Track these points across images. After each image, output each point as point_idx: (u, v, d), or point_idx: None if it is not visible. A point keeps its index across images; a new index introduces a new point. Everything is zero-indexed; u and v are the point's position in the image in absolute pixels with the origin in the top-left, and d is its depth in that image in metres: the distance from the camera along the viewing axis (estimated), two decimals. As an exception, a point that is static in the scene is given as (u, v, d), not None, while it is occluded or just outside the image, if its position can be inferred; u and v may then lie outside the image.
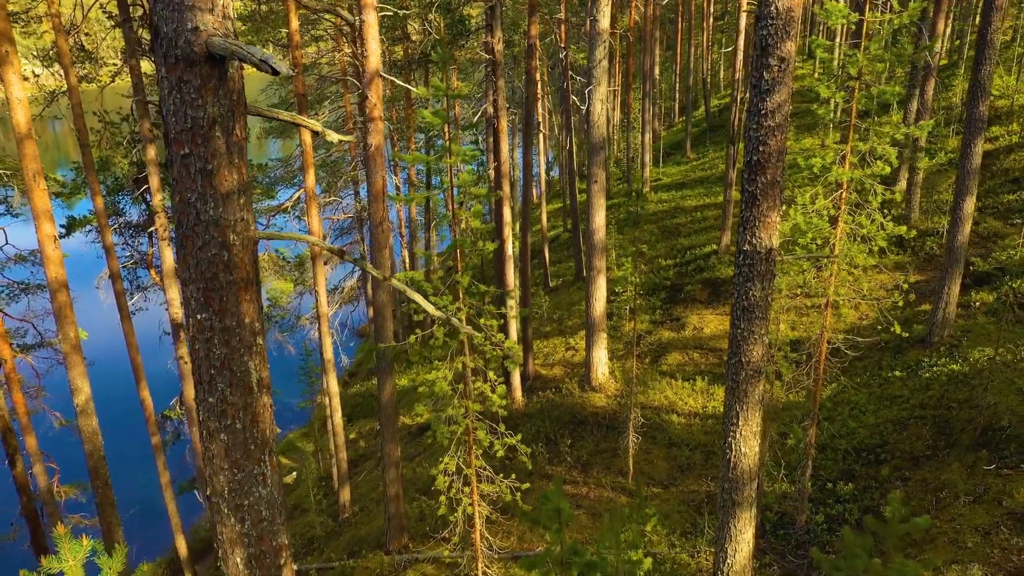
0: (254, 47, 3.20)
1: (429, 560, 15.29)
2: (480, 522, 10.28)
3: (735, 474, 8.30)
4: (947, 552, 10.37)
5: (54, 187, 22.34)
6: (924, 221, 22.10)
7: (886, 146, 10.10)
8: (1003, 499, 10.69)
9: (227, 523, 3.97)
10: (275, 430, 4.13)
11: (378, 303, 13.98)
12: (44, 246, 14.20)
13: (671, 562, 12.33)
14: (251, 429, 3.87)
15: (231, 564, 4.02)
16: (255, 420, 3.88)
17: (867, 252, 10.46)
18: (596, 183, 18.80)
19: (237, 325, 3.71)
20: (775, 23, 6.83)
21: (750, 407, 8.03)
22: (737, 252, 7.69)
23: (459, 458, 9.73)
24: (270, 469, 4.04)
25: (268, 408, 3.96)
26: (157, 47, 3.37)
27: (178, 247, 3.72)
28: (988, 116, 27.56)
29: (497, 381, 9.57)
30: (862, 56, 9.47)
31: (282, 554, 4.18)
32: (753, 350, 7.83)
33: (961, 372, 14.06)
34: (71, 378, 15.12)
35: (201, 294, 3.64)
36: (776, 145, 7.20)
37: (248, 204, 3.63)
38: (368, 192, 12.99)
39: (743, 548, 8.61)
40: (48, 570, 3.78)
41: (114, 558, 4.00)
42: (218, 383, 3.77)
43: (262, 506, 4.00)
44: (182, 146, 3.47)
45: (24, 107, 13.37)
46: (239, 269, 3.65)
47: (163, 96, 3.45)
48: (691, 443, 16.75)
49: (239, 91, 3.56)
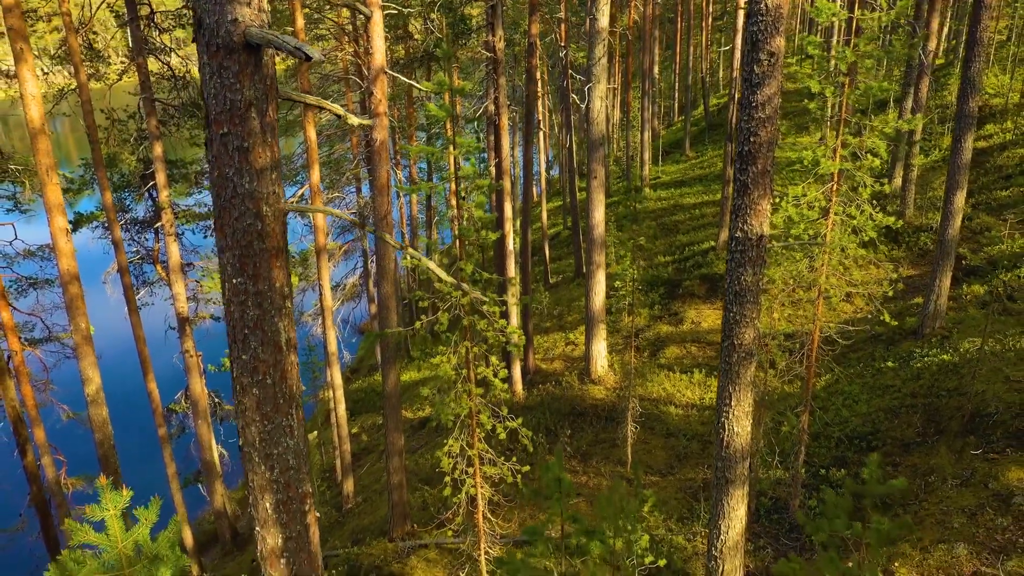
0: (288, 36, 3.55)
1: (432, 546, 15.65)
2: (483, 503, 10.62)
3: (728, 452, 8.65)
4: (934, 532, 10.72)
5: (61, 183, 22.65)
6: (919, 217, 22.45)
7: (876, 140, 10.45)
8: (989, 482, 11.04)
9: (258, 471, 4.32)
10: (301, 387, 4.47)
11: (383, 295, 14.32)
12: (56, 239, 14.55)
13: (668, 545, 12.68)
14: (280, 384, 4.23)
15: (261, 509, 4.38)
16: (284, 376, 4.24)
17: (858, 243, 10.80)
18: (596, 179, 19.15)
19: (268, 289, 4.07)
20: (764, 19, 7.18)
21: (742, 388, 8.38)
22: (729, 239, 8.04)
23: (463, 440, 10.07)
24: (296, 422, 4.39)
25: (295, 366, 4.30)
26: (200, 37, 3.72)
27: (216, 218, 4.07)
28: (984, 114, 27.97)
29: (499, 366, 9.91)
30: (850, 52, 9.82)
31: (307, 501, 4.53)
32: (745, 333, 8.18)
33: (951, 362, 14.41)
34: (82, 368, 15.45)
35: (237, 260, 4.00)
36: (766, 136, 7.55)
37: (279, 179, 3.98)
38: (373, 186, 13.33)
39: (736, 524, 8.96)
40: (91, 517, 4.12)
41: (150, 509, 4.34)
42: (251, 342, 4.13)
43: (289, 455, 4.36)
44: (221, 126, 3.83)
45: (38, 103, 13.71)
46: (271, 238, 4.01)
47: (204, 80, 3.81)
48: (688, 433, 17.09)
49: (272, 76, 3.91)
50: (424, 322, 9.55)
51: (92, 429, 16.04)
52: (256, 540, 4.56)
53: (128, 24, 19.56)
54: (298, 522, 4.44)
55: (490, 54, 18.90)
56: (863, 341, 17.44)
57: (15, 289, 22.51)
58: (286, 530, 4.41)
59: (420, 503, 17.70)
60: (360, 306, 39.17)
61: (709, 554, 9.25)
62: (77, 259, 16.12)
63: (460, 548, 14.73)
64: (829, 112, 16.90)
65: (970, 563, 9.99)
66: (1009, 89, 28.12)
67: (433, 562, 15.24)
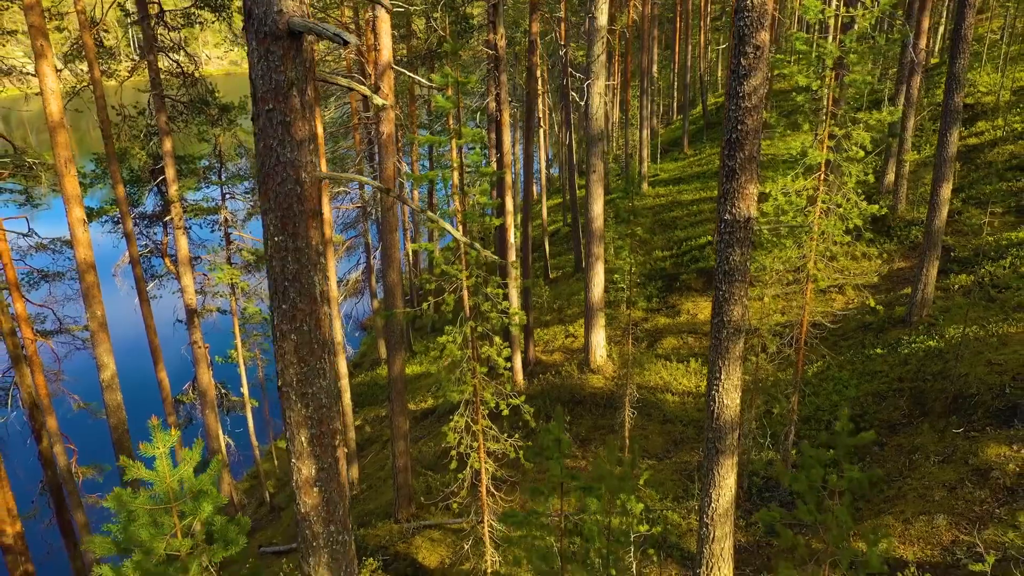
0: (326, 24, 4.06)
1: (436, 526, 16.19)
2: (487, 478, 11.14)
3: (718, 424, 9.18)
4: (916, 506, 11.25)
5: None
6: (910, 211, 22.98)
7: (860, 132, 10.98)
8: (969, 458, 11.57)
9: (295, 408, 4.84)
10: (331, 335, 4.99)
11: (388, 283, 14.84)
12: (74, 228, 15.07)
13: (664, 521, 13.21)
14: (315, 331, 4.74)
15: (297, 443, 4.90)
16: (318, 324, 4.75)
17: (844, 230, 11.33)
18: (595, 173, 19.67)
19: (306, 246, 4.58)
20: (750, 15, 7.71)
21: (731, 362, 8.90)
22: (718, 221, 8.56)
23: (467, 416, 10.59)
24: (328, 366, 4.91)
25: (327, 317, 4.81)
26: (249, 25, 4.24)
27: (260, 184, 4.59)
28: (976, 112, 28.50)
29: (503, 346, 10.42)
30: (835, 47, 10.35)
31: (336, 437, 5.05)
32: (734, 310, 8.71)
33: (937, 348, 14.94)
34: (98, 355, 15.97)
35: (278, 220, 4.52)
36: (753, 124, 8.08)
37: (316, 150, 4.48)
38: (380, 177, 13.85)
39: (726, 493, 9.49)
40: (143, 453, 4.64)
41: (194, 450, 4.86)
42: (290, 293, 4.65)
43: (322, 395, 4.88)
44: (267, 103, 4.35)
45: (57, 97, 14.24)
46: (308, 201, 4.52)
47: (252, 64, 4.32)
48: (684, 419, 17.62)
49: (311, 60, 4.42)
50: (431, 303, 10.07)
51: (107, 414, 16.56)
52: (291, 471, 5.07)
53: (140, 22, 20.09)
54: (329, 454, 4.96)
55: (492, 52, 19.42)
56: (854, 330, 17.97)
57: (27, 282, 23.01)
58: (319, 461, 4.94)
59: (424, 488, 18.23)
60: (362, 302, 39.69)
61: (701, 521, 9.77)
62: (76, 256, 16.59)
63: (463, 528, 15.29)
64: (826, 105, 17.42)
65: (949, 532, 10.52)
66: (1000, 87, 28.64)
67: (437, 541, 15.77)
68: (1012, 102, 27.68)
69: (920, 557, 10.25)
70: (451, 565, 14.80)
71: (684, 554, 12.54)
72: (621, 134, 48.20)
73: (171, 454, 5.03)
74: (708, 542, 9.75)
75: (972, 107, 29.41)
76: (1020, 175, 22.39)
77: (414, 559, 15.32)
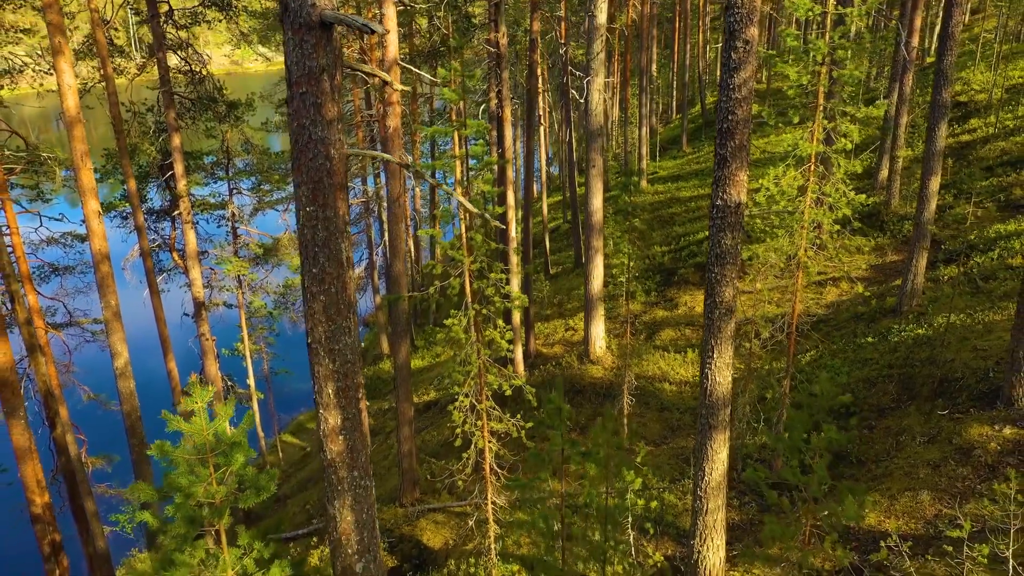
0: (355, 16, 4.54)
1: (440, 510, 16.67)
2: (490, 456, 11.62)
3: (711, 400, 9.65)
4: (902, 483, 11.74)
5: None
6: (903, 206, 23.46)
7: (848, 125, 11.46)
8: (953, 438, 12.05)
9: (323, 363, 5.33)
10: (356, 298, 5.47)
11: (394, 273, 15.31)
12: (90, 220, 15.55)
13: (661, 502, 13.69)
14: (341, 293, 5.22)
15: (324, 395, 5.38)
16: (344, 287, 5.23)
17: (833, 219, 11.82)
18: (594, 168, 20.15)
19: (334, 215, 5.06)
20: (740, 11, 8.19)
21: (723, 341, 9.38)
22: (711, 207, 9.05)
23: (472, 397, 11.07)
24: (352, 325, 5.39)
25: (351, 280, 5.28)
26: (285, 17, 4.73)
27: (293, 159, 5.07)
28: (970, 109, 28.98)
29: (505, 328, 10.90)
30: (824, 43, 10.83)
31: (359, 391, 5.52)
32: (725, 291, 9.19)
33: (925, 335, 15.43)
34: (112, 343, 16.45)
35: (310, 192, 5.00)
36: (743, 114, 8.56)
37: (343, 130, 4.95)
38: (386, 169, 14.31)
39: (719, 466, 9.96)
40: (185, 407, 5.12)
41: (228, 406, 5.34)
42: (319, 258, 5.13)
43: (348, 351, 5.36)
44: (300, 86, 4.83)
45: (74, 93, 14.73)
46: (336, 175, 5.00)
47: (287, 51, 4.80)
48: (681, 407, 18.10)
49: (339, 49, 4.89)
50: (437, 286, 10.54)
51: (120, 400, 17.05)
52: (318, 422, 5.55)
53: (149, 21, 20.56)
54: (353, 406, 5.43)
55: (493, 49, 19.89)
56: (846, 320, 18.46)
57: (39, 275, 23.50)
58: (344, 412, 5.42)
59: (427, 475, 18.72)
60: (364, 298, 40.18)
61: (695, 495, 10.25)
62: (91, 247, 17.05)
63: (467, 511, 15.77)
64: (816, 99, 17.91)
65: (932, 507, 11.01)
66: (993, 85, 29.14)
67: (441, 524, 16.26)
68: (1005, 100, 28.17)
69: (904, 530, 10.72)
70: (455, 546, 15.29)
71: (680, 532, 13.02)
72: (620, 132, 48.68)
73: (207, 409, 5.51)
74: (702, 514, 10.22)
75: (966, 105, 29.93)
76: (1010, 171, 22.87)
77: (419, 541, 15.80)
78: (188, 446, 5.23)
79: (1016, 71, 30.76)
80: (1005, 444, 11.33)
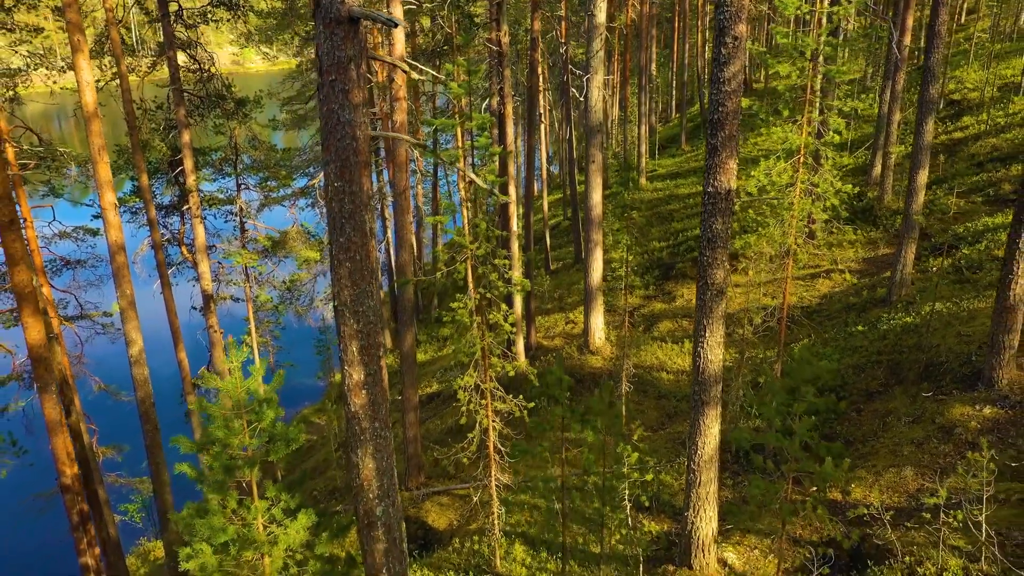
0: (380, 12, 5.08)
1: (444, 492, 17.23)
2: (494, 435, 12.16)
3: (703, 377, 10.20)
4: (887, 460, 12.29)
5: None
6: (895, 201, 24.00)
7: (835, 117, 12.01)
8: (936, 418, 12.60)
9: (348, 323, 5.87)
10: (378, 264, 6.01)
11: (401, 262, 15.85)
12: (106, 212, 16.11)
13: (657, 478, 14.26)
14: (365, 260, 5.77)
15: (349, 352, 5.92)
16: (368, 254, 5.78)
17: (821, 208, 12.37)
18: (594, 163, 20.69)
19: (359, 190, 5.61)
20: (729, 9, 8.74)
21: (715, 320, 9.94)
22: (703, 194, 9.60)
23: (476, 377, 11.62)
24: (374, 289, 5.92)
25: (375, 249, 5.83)
26: (318, 12, 5.28)
27: (323, 140, 5.62)
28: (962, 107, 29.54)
29: (508, 311, 11.45)
30: (812, 40, 11.38)
31: (380, 349, 6.06)
32: (716, 273, 9.74)
33: (912, 323, 15.98)
34: (127, 331, 17.01)
35: (338, 169, 5.55)
36: (732, 106, 9.11)
37: (368, 113, 5.50)
38: (393, 163, 14.86)
39: (711, 440, 10.51)
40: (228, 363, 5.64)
41: (260, 365, 5.89)
42: (346, 228, 5.68)
43: (370, 313, 5.91)
44: (330, 74, 5.39)
45: (92, 89, 15.29)
46: (361, 154, 5.54)
47: (319, 43, 5.34)
48: (678, 395, 18.65)
49: (364, 41, 5.42)
50: (444, 271, 11.06)
51: (135, 387, 17.61)
52: (343, 377, 6.09)
53: (160, 20, 21.13)
54: (375, 363, 5.97)
55: (495, 48, 20.43)
56: (838, 311, 19.01)
57: (51, 269, 24.04)
58: (366, 368, 5.95)
59: (431, 461, 19.27)
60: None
61: (688, 467, 10.80)
62: (106, 242, 17.57)
63: (470, 494, 16.33)
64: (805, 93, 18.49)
65: (915, 481, 11.56)
66: (984, 83, 29.69)
67: (446, 506, 16.82)
68: (996, 98, 28.72)
69: (888, 503, 11.28)
70: (459, 526, 15.85)
71: (676, 510, 13.56)
72: (620, 131, 49.24)
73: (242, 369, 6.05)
74: (695, 486, 10.77)
75: (959, 103, 30.49)
76: (1000, 166, 23.42)
77: (424, 522, 16.36)
78: (224, 403, 5.77)
79: (1008, 70, 31.33)
80: (984, 423, 11.88)
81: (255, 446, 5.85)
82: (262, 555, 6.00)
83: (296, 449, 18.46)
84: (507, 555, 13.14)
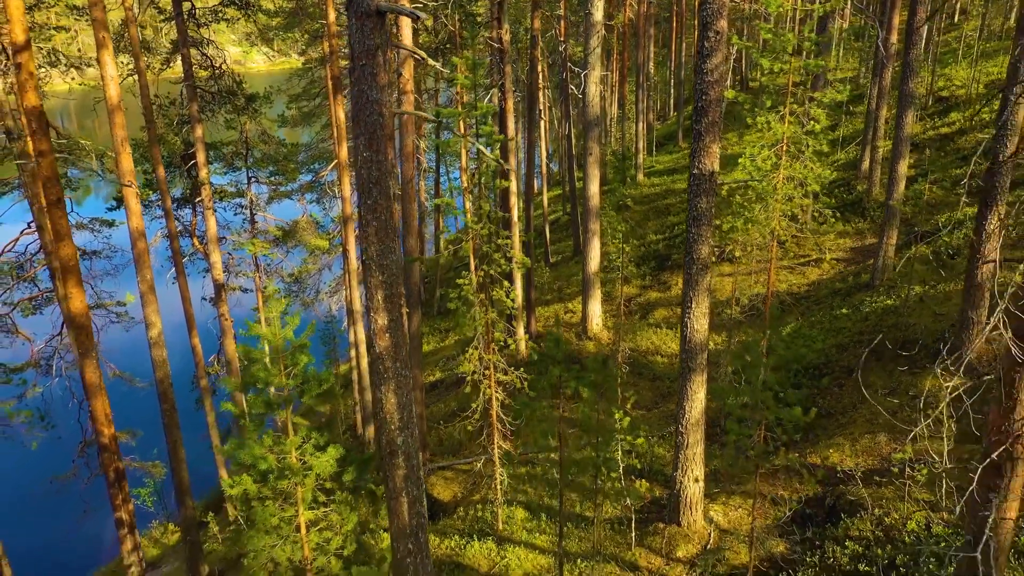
0: (404, 6, 5.95)
1: (448, 467, 18.10)
2: (496, 405, 13.04)
3: (690, 346, 11.08)
4: (863, 428, 13.17)
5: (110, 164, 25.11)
6: (883, 193, 24.84)
7: (816, 109, 12.88)
8: (910, 389, 13.48)
9: (374, 275, 6.74)
10: (399, 224, 6.87)
11: (407, 248, 16.72)
12: (128, 200, 16.97)
13: (651, 454, 15.14)
14: (389, 220, 6.64)
15: (375, 300, 6.79)
16: (391, 215, 6.65)
17: (803, 193, 13.23)
18: (592, 156, 21.57)
19: (384, 159, 6.48)
20: (712, 6, 9.62)
21: (700, 293, 10.81)
22: (689, 176, 10.47)
23: (480, 349, 12.49)
24: (396, 247, 6.79)
25: (397, 211, 6.68)
26: (350, 6, 6.17)
27: (353, 116, 6.48)
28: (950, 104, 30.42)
29: (510, 287, 12.31)
30: (793, 36, 12.25)
31: (401, 299, 6.93)
32: (702, 249, 10.61)
33: (893, 305, 16.85)
34: (146, 314, 17.88)
35: (367, 141, 6.42)
36: (715, 95, 9.99)
37: (391, 92, 6.35)
38: (400, 153, 15.73)
39: (697, 404, 11.39)
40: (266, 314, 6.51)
41: (295, 317, 6.74)
42: (373, 192, 6.54)
43: (394, 266, 6.78)
44: (361, 60, 6.25)
45: (115, 83, 16.14)
46: (386, 128, 6.40)
47: (351, 33, 6.22)
48: (672, 377, 19.51)
49: (389, 31, 6.27)
50: (450, 250, 11.93)
51: (153, 368, 18.47)
52: (369, 323, 6.95)
53: (174, 18, 22.00)
54: (396, 309, 6.83)
55: (496, 45, 21.29)
56: (825, 296, 19.88)
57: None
58: (390, 314, 6.81)
59: (436, 440, 20.17)
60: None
61: (676, 431, 11.68)
62: (120, 233, 18.41)
63: (473, 468, 17.21)
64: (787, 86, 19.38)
65: (888, 446, 12.44)
66: (971, 80, 30.57)
67: (450, 480, 17.70)
68: (983, 94, 29.59)
69: (863, 465, 12.16)
70: (464, 497, 16.73)
71: (667, 478, 14.44)
72: (619, 129, 50.13)
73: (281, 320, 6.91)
74: (683, 448, 11.65)
75: (947, 100, 31.38)
76: (983, 160, 24.26)
77: (430, 494, 17.23)
78: (264, 347, 6.60)
79: (995, 67, 32.20)
80: (953, 391, 12.73)
81: (291, 386, 6.70)
82: (295, 485, 6.85)
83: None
84: (509, 519, 14.02)
